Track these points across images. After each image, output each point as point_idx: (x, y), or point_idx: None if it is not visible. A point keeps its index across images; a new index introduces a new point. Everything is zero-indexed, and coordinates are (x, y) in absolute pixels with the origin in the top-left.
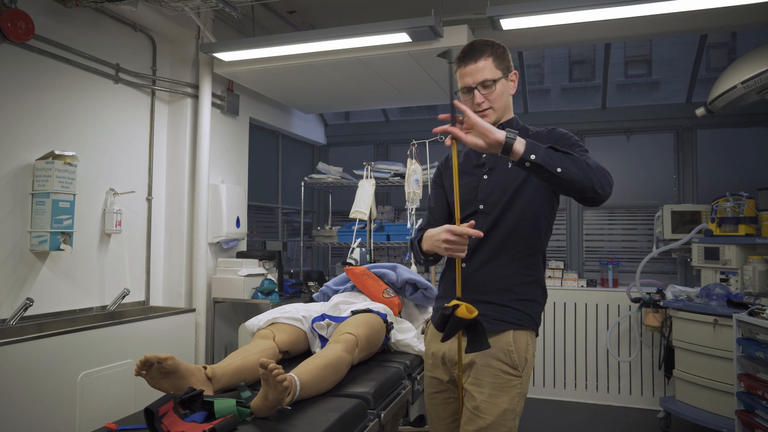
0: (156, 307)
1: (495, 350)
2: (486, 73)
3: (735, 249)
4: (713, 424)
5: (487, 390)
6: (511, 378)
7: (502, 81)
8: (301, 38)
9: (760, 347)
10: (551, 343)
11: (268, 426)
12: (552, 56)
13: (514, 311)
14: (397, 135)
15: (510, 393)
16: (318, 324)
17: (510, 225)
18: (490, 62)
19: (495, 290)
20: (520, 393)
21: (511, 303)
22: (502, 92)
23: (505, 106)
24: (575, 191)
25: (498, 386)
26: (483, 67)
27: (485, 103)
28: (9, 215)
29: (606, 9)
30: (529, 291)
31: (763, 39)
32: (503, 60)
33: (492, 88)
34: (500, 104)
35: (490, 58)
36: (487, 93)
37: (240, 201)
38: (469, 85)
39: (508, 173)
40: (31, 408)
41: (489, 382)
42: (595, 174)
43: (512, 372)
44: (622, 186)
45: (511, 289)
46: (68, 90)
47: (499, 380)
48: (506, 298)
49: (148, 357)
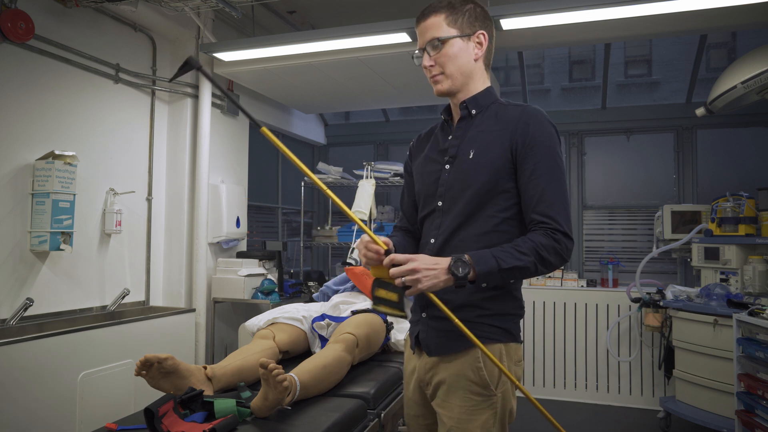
0: (156, 307)
1: (462, 368)
2: (435, 30)
3: (735, 249)
4: (713, 424)
5: (456, 414)
6: (482, 399)
7: (456, 41)
8: (301, 38)
9: (760, 347)
10: (551, 343)
11: (268, 426)
12: (552, 56)
13: (482, 326)
14: (397, 135)
15: (482, 415)
16: (318, 324)
17: (473, 230)
18: (442, 19)
19: (459, 307)
20: (495, 414)
21: (478, 319)
22: (455, 54)
23: (464, 74)
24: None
25: (468, 410)
26: (432, 24)
27: (435, 67)
28: (9, 215)
29: (606, 9)
30: (499, 306)
31: (763, 39)
32: (463, 17)
33: (440, 48)
34: (453, 69)
35: (442, 14)
36: (436, 54)
37: (240, 201)
38: (421, 46)
39: (470, 165)
40: (32, 408)
41: (458, 405)
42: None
43: (483, 392)
44: (622, 186)
45: (478, 305)
46: (68, 90)
47: (469, 402)
48: (472, 314)
49: (148, 357)
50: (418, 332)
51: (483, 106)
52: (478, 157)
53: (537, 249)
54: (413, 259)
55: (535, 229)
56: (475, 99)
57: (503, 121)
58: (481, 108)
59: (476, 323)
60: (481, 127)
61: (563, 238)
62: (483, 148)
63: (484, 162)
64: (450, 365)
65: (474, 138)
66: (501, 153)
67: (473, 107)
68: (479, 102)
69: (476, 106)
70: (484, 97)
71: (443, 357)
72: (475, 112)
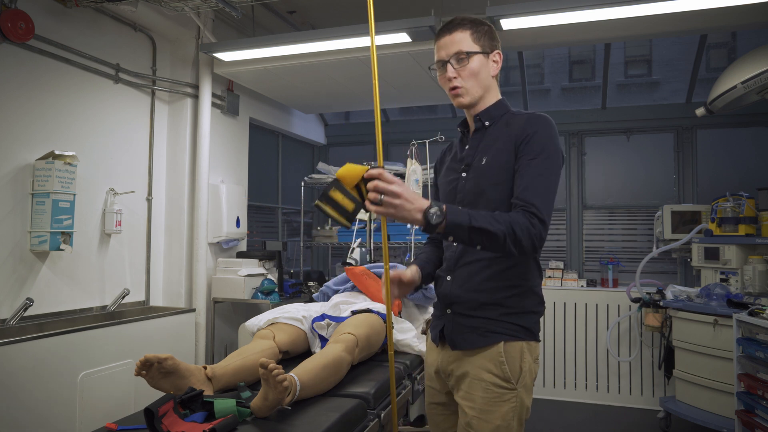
0: (156, 307)
1: (486, 362)
2: (461, 45)
3: (735, 249)
4: (713, 424)
5: (478, 405)
6: (504, 392)
7: (479, 56)
8: (301, 38)
9: (760, 347)
10: (551, 343)
11: (268, 426)
12: (552, 56)
13: (505, 324)
14: (397, 135)
15: (502, 408)
16: (318, 324)
17: None
18: (468, 35)
19: (483, 306)
20: (515, 407)
21: (502, 317)
22: (478, 70)
23: (483, 88)
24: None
25: (489, 401)
26: (458, 39)
27: (458, 80)
28: (9, 215)
29: (606, 9)
30: (520, 303)
31: (763, 39)
32: (484, 36)
33: (465, 62)
34: (474, 84)
35: (468, 31)
36: (460, 68)
37: (240, 201)
38: (443, 58)
39: (483, 171)
40: (32, 408)
41: (480, 397)
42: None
43: (505, 385)
44: (622, 186)
45: (500, 303)
46: (68, 90)
47: (491, 394)
48: (496, 313)
49: (148, 357)
50: (443, 327)
51: (495, 117)
52: (490, 163)
53: (512, 223)
54: (400, 183)
55: (516, 211)
56: (488, 111)
57: (511, 127)
58: (493, 119)
59: (499, 321)
60: (493, 136)
61: (538, 223)
62: (494, 155)
63: (495, 167)
64: (474, 359)
65: (487, 147)
66: (509, 157)
67: (486, 119)
68: (492, 114)
69: (489, 118)
70: (497, 108)
71: (467, 351)
72: (488, 124)
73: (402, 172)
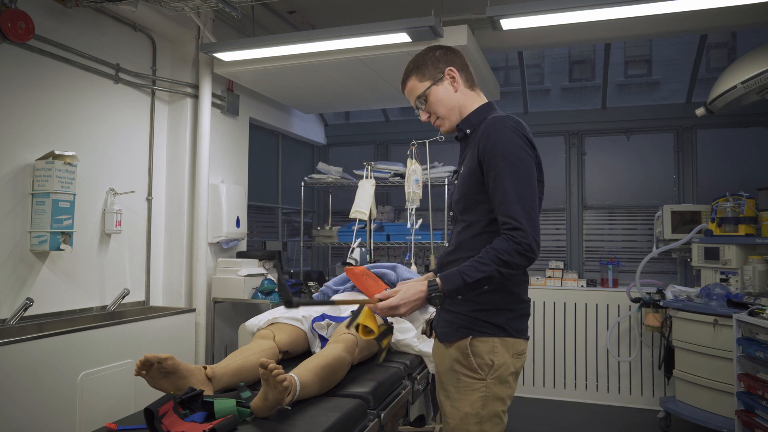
0: (156, 307)
1: (457, 354)
2: (414, 91)
3: (735, 249)
4: (713, 424)
5: (451, 394)
6: (473, 381)
7: (432, 89)
8: (301, 38)
9: (760, 347)
10: (551, 343)
11: (268, 426)
12: (552, 56)
13: (474, 320)
14: (397, 135)
15: (471, 396)
16: (318, 324)
17: (465, 234)
18: (414, 80)
19: (458, 302)
20: (485, 396)
21: (472, 314)
22: (440, 99)
23: (454, 108)
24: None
25: (460, 390)
26: (411, 87)
27: (430, 116)
28: (9, 215)
29: (606, 9)
30: (492, 300)
31: (763, 39)
32: (428, 68)
33: (426, 100)
34: (444, 110)
35: (412, 76)
36: (426, 107)
37: (240, 201)
38: (413, 104)
39: (462, 181)
40: (31, 408)
41: (452, 386)
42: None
43: (474, 375)
44: (622, 186)
45: (473, 300)
46: (68, 90)
47: (461, 384)
48: (467, 309)
49: (148, 357)
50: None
51: (475, 124)
52: (464, 171)
53: (498, 256)
54: (392, 293)
55: (501, 233)
56: (468, 120)
57: (477, 137)
58: (473, 126)
59: (469, 317)
60: (471, 145)
61: (520, 236)
62: (467, 163)
63: (466, 175)
64: (449, 351)
65: (467, 155)
66: (475, 166)
67: (466, 127)
68: (471, 122)
69: (469, 125)
70: (476, 115)
71: (444, 343)
72: (469, 132)
73: (402, 172)
